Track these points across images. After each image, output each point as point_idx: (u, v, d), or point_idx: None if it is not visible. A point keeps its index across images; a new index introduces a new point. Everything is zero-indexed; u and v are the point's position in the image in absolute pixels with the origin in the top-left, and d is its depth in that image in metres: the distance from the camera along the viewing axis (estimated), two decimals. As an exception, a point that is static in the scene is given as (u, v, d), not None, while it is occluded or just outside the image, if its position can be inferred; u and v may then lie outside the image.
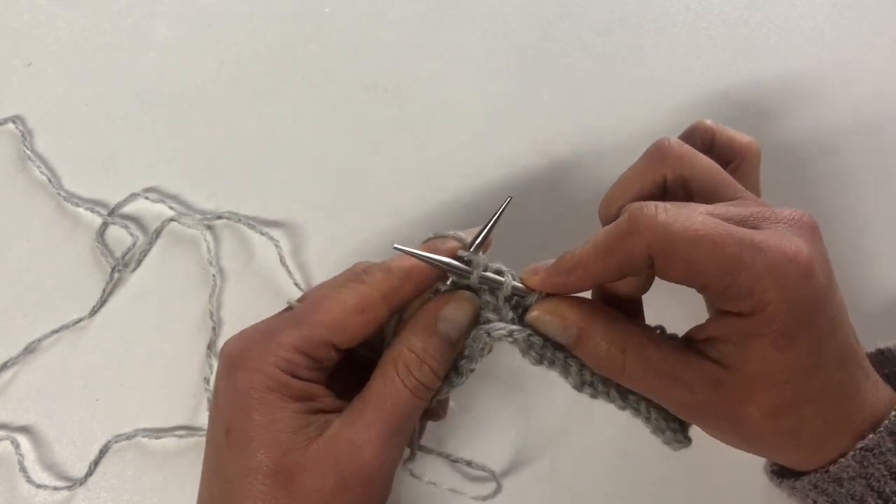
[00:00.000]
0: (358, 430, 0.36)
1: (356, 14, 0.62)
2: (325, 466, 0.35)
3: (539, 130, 0.59)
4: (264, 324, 0.39)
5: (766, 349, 0.34)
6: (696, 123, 0.46)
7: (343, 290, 0.38)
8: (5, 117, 0.57)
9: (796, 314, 0.34)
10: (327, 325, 0.37)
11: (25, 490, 0.50)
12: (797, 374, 0.35)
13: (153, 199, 0.55)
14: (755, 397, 0.35)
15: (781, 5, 0.63)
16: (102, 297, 0.53)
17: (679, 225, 0.34)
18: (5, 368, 0.52)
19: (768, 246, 0.34)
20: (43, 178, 0.55)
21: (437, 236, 0.40)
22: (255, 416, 0.36)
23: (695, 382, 0.36)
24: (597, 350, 0.37)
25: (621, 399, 0.40)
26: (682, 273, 0.35)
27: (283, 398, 0.36)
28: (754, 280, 0.33)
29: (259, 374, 0.36)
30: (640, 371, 0.36)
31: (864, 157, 0.59)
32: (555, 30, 0.62)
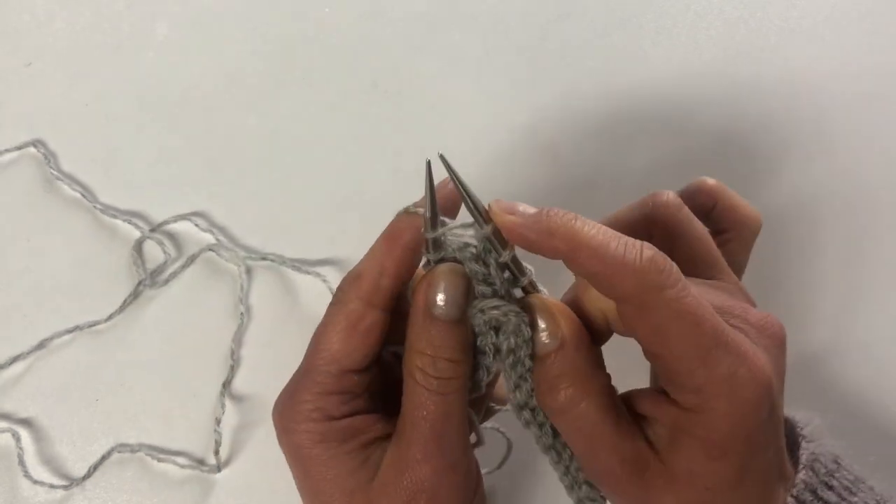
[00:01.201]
0: (403, 449, 0.35)
1: (356, 14, 0.62)
2: (391, 495, 0.35)
3: (539, 130, 0.59)
4: (290, 383, 0.39)
5: (696, 451, 0.33)
6: (700, 183, 0.43)
7: (330, 319, 0.37)
8: (25, 142, 0.57)
9: (736, 431, 0.32)
10: (331, 359, 0.37)
11: (23, 485, 0.50)
12: (720, 484, 0.33)
13: (202, 228, 0.55)
14: (673, 489, 0.34)
15: (781, 5, 0.63)
16: (122, 306, 0.53)
17: (673, 292, 0.31)
18: (16, 362, 0.52)
19: (740, 353, 0.32)
20: (75, 194, 0.56)
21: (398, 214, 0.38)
22: (312, 472, 0.36)
23: (629, 458, 0.34)
24: (557, 379, 0.34)
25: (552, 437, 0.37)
26: (648, 335, 0.33)
27: (333, 444, 0.36)
28: (709, 380, 0.31)
29: (298, 433, 0.36)
30: (587, 425, 0.34)
31: (863, 156, 0.59)
32: (555, 30, 0.62)
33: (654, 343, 0.33)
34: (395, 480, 0.35)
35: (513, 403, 0.37)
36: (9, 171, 0.57)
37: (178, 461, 0.50)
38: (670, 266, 0.32)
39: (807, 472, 0.36)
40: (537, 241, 0.33)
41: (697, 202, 0.42)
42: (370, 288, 0.37)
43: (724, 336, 0.32)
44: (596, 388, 0.34)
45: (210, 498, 0.50)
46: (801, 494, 0.35)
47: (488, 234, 0.34)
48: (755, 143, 0.59)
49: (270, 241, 0.55)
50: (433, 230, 0.35)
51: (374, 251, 0.37)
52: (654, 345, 0.33)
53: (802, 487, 0.36)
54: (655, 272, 0.31)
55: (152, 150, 0.58)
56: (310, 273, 0.54)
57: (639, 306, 0.32)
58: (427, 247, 0.36)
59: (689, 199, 0.42)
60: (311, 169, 0.58)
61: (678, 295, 0.31)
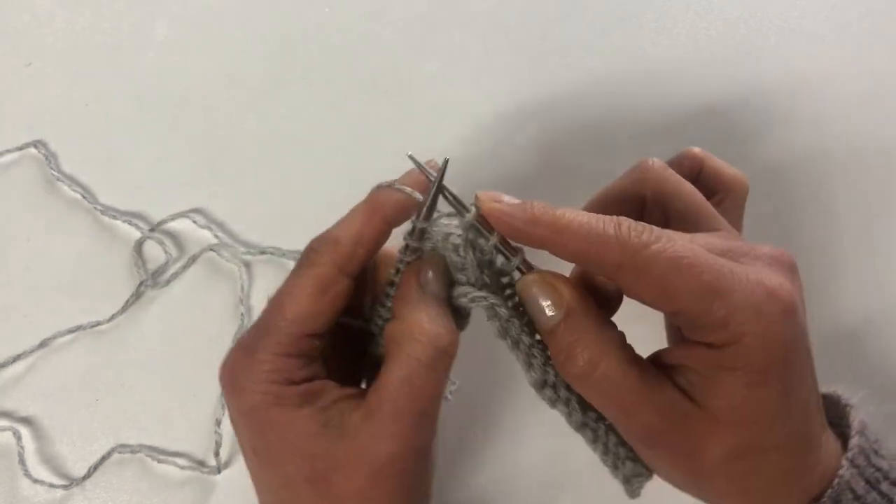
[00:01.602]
0: (378, 423, 0.35)
1: (356, 14, 0.62)
2: (354, 467, 0.35)
3: (539, 130, 0.59)
4: (243, 340, 0.38)
5: (736, 385, 0.33)
6: (685, 151, 0.45)
7: (298, 279, 0.37)
8: (26, 142, 0.57)
9: (773, 352, 0.32)
10: (297, 320, 0.36)
11: (23, 485, 0.50)
12: (765, 417, 0.33)
13: (199, 225, 0.55)
14: (718, 434, 0.34)
15: (781, 5, 0.63)
16: (125, 306, 0.53)
17: (658, 245, 0.32)
18: (17, 361, 0.52)
19: (748, 278, 0.33)
20: (76, 195, 0.56)
21: (380, 187, 0.38)
22: (269, 433, 0.36)
23: (664, 409, 0.34)
24: (571, 347, 0.34)
25: (581, 413, 0.37)
26: (655, 295, 0.33)
27: (290, 408, 0.35)
28: (730, 311, 0.32)
29: (255, 394, 0.35)
30: (614, 383, 0.34)
31: (863, 156, 0.59)
32: (555, 30, 0.62)
33: (664, 300, 0.33)
34: (364, 452, 0.35)
35: (531, 385, 0.37)
36: (9, 172, 0.57)
37: (178, 462, 0.50)
38: (649, 227, 0.33)
39: (860, 437, 0.36)
40: (523, 229, 0.34)
41: (684, 168, 0.44)
42: (346, 254, 0.37)
43: (727, 267, 0.33)
44: (612, 346, 0.34)
45: (210, 499, 0.50)
46: (855, 458, 0.35)
47: (472, 222, 0.35)
48: (755, 143, 0.59)
49: (270, 240, 0.55)
50: (426, 221, 0.36)
51: (354, 219, 0.37)
52: (665, 302, 0.33)
53: (857, 451, 0.35)
54: (636, 235, 0.33)
55: (152, 150, 0.58)
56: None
57: (633, 270, 0.33)
58: (413, 234, 0.37)
59: (676, 167, 0.43)
60: (310, 169, 0.58)
61: (665, 246, 0.32)
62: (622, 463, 0.38)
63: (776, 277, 0.33)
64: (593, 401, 0.36)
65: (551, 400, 0.38)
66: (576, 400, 0.37)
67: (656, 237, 0.33)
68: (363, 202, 0.38)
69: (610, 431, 0.38)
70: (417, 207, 0.37)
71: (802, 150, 0.59)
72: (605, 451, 0.38)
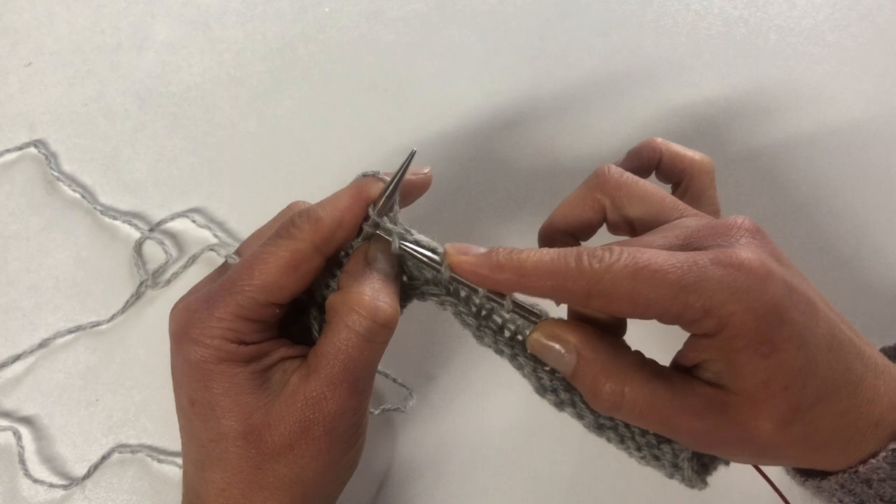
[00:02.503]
0: (314, 384, 0.36)
1: (356, 14, 0.62)
2: (289, 422, 0.36)
3: (539, 130, 0.59)
4: (204, 290, 0.39)
5: (752, 360, 0.33)
6: (645, 141, 0.46)
7: (275, 249, 0.37)
8: (26, 142, 0.57)
9: (765, 318, 0.33)
10: (264, 287, 0.37)
11: (23, 485, 0.50)
12: (792, 378, 0.34)
13: (199, 224, 0.55)
14: (760, 410, 0.34)
15: (781, 5, 0.63)
16: (125, 306, 0.53)
17: (620, 263, 0.33)
18: (18, 361, 0.52)
19: (715, 262, 0.33)
20: (76, 195, 0.56)
21: (366, 175, 0.40)
22: (213, 386, 0.37)
23: (702, 409, 0.34)
24: (594, 382, 0.35)
25: (591, 413, 0.38)
26: (629, 308, 0.34)
27: (236, 364, 0.37)
28: (707, 298, 0.33)
29: (207, 347, 0.37)
30: (645, 404, 0.35)
31: (863, 157, 0.59)
32: (555, 30, 0.62)
33: (642, 312, 0.34)
34: (298, 408, 0.36)
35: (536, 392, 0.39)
36: (9, 172, 0.57)
37: (178, 462, 0.50)
38: (608, 249, 0.34)
39: None
40: (490, 277, 0.36)
41: (643, 158, 0.45)
42: (325, 234, 0.38)
43: (688, 260, 0.33)
44: (631, 369, 0.35)
45: (210, 498, 0.50)
46: None
47: (449, 276, 0.37)
48: (755, 143, 0.59)
49: (270, 241, 0.55)
50: (380, 214, 0.38)
51: (338, 201, 0.39)
52: (643, 313, 0.34)
53: None
54: (596, 261, 0.34)
55: (152, 150, 0.58)
56: None
57: (602, 295, 0.34)
58: (368, 221, 0.39)
59: (635, 158, 0.45)
60: (310, 169, 0.58)
61: (625, 263, 0.33)
62: (658, 450, 0.38)
63: (742, 250, 0.34)
64: (638, 425, 0.37)
65: (557, 405, 0.38)
66: (580, 400, 0.38)
67: (615, 257, 0.34)
68: (349, 187, 0.40)
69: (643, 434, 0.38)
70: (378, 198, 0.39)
71: (802, 149, 0.59)
72: (639, 447, 0.38)
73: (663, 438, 0.38)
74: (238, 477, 0.36)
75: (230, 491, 0.37)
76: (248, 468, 0.36)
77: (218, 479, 0.37)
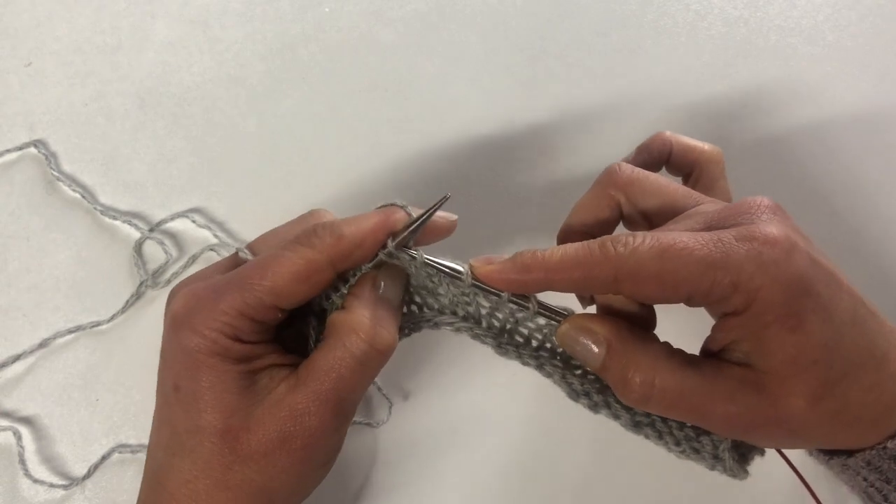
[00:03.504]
0: (301, 397, 0.37)
1: (356, 14, 0.62)
2: (268, 430, 0.36)
3: (539, 130, 0.59)
4: (211, 280, 0.39)
5: (780, 336, 0.34)
6: (655, 135, 0.46)
7: (292, 255, 0.37)
8: (25, 142, 0.57)
9: (792, 291, 0.33)
10: (273, 290, 0.37)
11: (23, 485, 0.50)
12: (822, 350, 0.34)
13: (199, 224, 0.55)
14: (792, 387, 0.34)
15: (781, 5, 0.63)
16: (125, 306, 0.53)
17: (644, 246, 0.34)
18: (18, 361, 0.52)
19: (739, 237, 0.34)
20: (76, 195, 0.56)
21: (393, 204, 0.40)
22: (201, 377, 0.37)
23: (735, 392, 0.35)
24: (623, 375, 0.36)
25: (627, 412, 0.38)
26: (657, 290, 0.34)
27: (228, 360, 0.37)
28: (734, 273, 0.33)
29: (205, 338, 0.37)
30: (676, 393, 0.35)
31: (863, 157, 0.59)
32: (555, 30, 0.62)
33: (671, 292, 0.34)
34: (280, 418, 0.36)
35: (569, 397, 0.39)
36: (9, 172, 0.57)
37: (178, 461, 0.50)
38: (630, 234, 0.35)
39: None
40: (519, 279, 0.36)
41: (654, 152, 0.46)
42: (344, 252, 0.38)
43: (713, 237, 0.34)
44: (660, 359, 0.36)
45: (210, 498, 0.50)
46: None
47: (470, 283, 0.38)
48: (755, 143, 0.59)
49: (270, 241, 0.55)
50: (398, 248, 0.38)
51: (364, 223, 0.38)
52: (672, 293, 0.34)
53: None
54: (620, 245, 0.34)
55: (152, 150, 0.58)
56: None
57: (630, 278, 0.34)
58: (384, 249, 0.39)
59: (646, 152, 0.45)
60: (310, 169, 0.58)
61: (648, 245, 0.34)
62: (698, 443, 0.38)
63: (764, 225, 0.34)
64: (669, 416, 0.37)
65: (591, 408, 0.39)
66: (614, 400, 0.38)
67: (640, 240, 0.34)
68: (377, 212, 0.39)
69: (668, 419, 0.38)
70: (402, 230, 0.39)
71: (802, 149, 0.59)
72: (677, 442, 0.38)
73: (702, 431, 0.38)
74: (206, 472, 0.36)
75: (195, 484, 0.37)
76: (218, 466, 0.36)
77: (186, 470, 0.37)
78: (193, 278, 0.41)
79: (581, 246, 0.35)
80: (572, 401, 0.39)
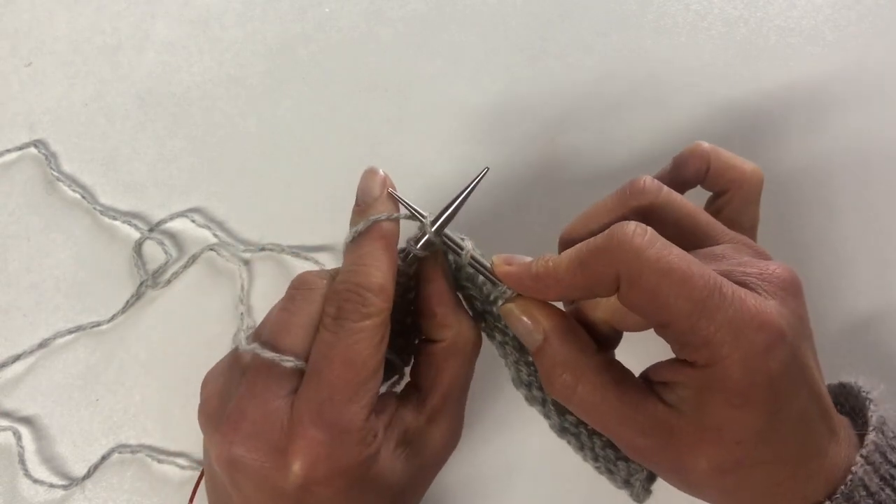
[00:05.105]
0: (443, 423, 0.39)
1: (356, 14, 0.62)
2: (424, 465, 0.39)
3: (539, 130, 0.59)
4: (321, 418, 0.35)
5: (720, 405, 0.33)
6: (693, 147, 0.43)
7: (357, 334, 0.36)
8: (26, 142, 0.57)
9: (754, 377, 0.32)
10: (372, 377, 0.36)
11: (23, 485, 0.50)
12: (750, 436, 0.33)
13: (198, 224, 0.55)
14: (704, 449, 0.34)
15: (781, 5, 0.63)
16: (125, 306, 0.53)
17: (653, 252, 0.33)
18: (18, 361, 0.52)
19: (739, 300, 0.32)
20: (76, 195, 0.56)
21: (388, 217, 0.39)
22: (369, 486, 0.37)
23: (647, 427, 0.35)
24: (551, 369, 0.36)
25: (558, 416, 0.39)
26: (645, 303, 0.33)
27: (385, 456, 0.37)
28: (713, 331, 0.32)
29: (357, 465, 0.36)
30: (592, 406, 0.35)
31: (863, 157, 0.59)
32: (555, 30, 0.62)
33: (654, 310, 0.33)
34: (433, 454, 0.38)
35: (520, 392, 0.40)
36: (9, 172, 0.57)
37: (178, 462, 0.50)
38: (643, 230, 0.33)
39: (877, 433, 0.36)
40: (532, 286, 0.37)
41: (690, 168, 0.43)
42: (390, 297, 0.37)
43: (718, 286, 0.33)
44: (589, 370, 0.36)
45: (210, 498, 0.50)
46: (870, 455, 0.35)
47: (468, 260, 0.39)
48: (755, 143, 0.59)
49: (269, 240, 0.55)
50: (438, 233, 0.39)
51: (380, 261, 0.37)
52: (655, 312, 0.33)
53: (873, 448, 0.35)
54: (628, 240, 0.33)
55: (152, 150, 0.58)
56: (308, 259, 0.54)
57: (628, 280, 0.33)
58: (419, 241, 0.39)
59: (682, 166, 0.42)
60: (310, 169, 0.58)
61: (659, 254, 0.33)
62: (614, 466, 0.38)
63: (770, 304, 0.33)
64: (582, 419, 0.37)
65: (528, 399, 0.39)
66: (551, 402, 0.39)
67: (649, 243, 0.33)
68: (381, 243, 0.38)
69: (594, 435, 0.38)
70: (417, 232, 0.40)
71: (802, 149, 0.59)
72: (595, 458, 0.39)
73: (621, 455, 0.38)
74: None
75: None
76: None
77: None
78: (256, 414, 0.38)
79: (585, 243, 0.35)
80: (515, 388, 0.40)
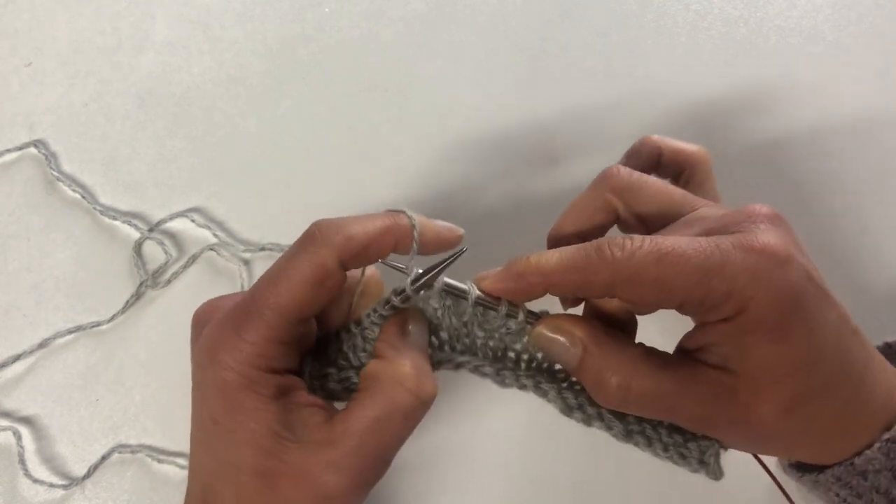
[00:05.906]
0: (338, 455, 0.35)
1: (356, 14, 0.62)
2: (303, 481, 0.35)
3: (539, 130, 0.59)
4: (231, 312, 0.36)
5: (762, 345, 0.34)
6: (643, 140, 0.46)
7: (299, 263, 0.36)
8: (26, 142, 0.57)
9: (782, 304, 0.33)
10: (290, 305, 0.35)
11: (23, 484, 0.50)
12: (798, 366, 0.34)
13: (198, 224, 0.55)
14: (765, 396, 0.34)
15: (781, 5, 0.63)
16: (125, 306, 0.53)
17: (641, 251, 0.34)
18: (18, 361, 0.52)
19: (736, 246, 0.34)
20: (76, 195, 0.56)
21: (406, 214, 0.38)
22: (237, 414, 0.35)
23: (708, 394, 0.35)
24: (600, 376, 0.36)
25: (620, 422, 0.38)
26: (654, 295, 0.34)
27: (262, 397, 0.35)
28: (729, 282, 0.33)
29: (232, 372, 0.35)
30: (651, 395, 0.35)
31: (863, 157, 0.59)
32: (555, 30, 0.62)
33: (666, 297, 0.34)
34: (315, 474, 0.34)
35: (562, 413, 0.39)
36: (9, 172, 0.57)
37: (178, 462, 0.50)
38: (628, 238, 0.34)
39: None
40: (516, 287, 0.36)
41: (643, 157, 0.45)
42: (354, 252, 0.36)
43: (712, 244, 0.34)
44: (637, 362, 0.36)
45: (210, 498, 0.50)
46: None
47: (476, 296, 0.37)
48: (755, 143, 0.59)
49: (269, 240, 0.55)
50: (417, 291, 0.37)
51: (372, 222, 0.37)
52: (667, 299, 0.34)
53: None
54: (618, 249, 0.34)
55: (152, 150, 0.58)
56: None
57: (627, 282, 0.34)
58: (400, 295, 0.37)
59: (636, 157, 0.45)
60: (310, 169, 0.58)
61: (647, 249, 0.34)
62: (685, 448, 0.38)
63: (763, 235, 0.34)
64: (642, 415, 0.37)
65: (584, 421, 0.39)
66: (607, 412, 0.38)
67: (638, 244, 0.34)
68: (386, 215, 0.38)
69: (658, 426, 0.39)
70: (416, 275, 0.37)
71: (802, 149, 0.59)
72: (665, 448, 0.39)
73: (689, 436, 0.38)
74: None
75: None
76: (259, 501, 0.35)
77: (228, 497, 0.36)
78: (217, 301, 0.39)
79: (577, 249, 0.35)
80: (566, 416, 0.39)
